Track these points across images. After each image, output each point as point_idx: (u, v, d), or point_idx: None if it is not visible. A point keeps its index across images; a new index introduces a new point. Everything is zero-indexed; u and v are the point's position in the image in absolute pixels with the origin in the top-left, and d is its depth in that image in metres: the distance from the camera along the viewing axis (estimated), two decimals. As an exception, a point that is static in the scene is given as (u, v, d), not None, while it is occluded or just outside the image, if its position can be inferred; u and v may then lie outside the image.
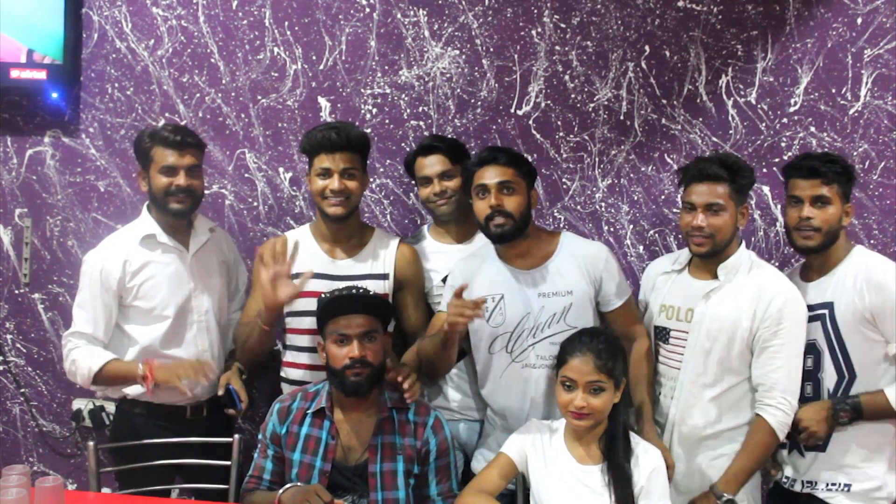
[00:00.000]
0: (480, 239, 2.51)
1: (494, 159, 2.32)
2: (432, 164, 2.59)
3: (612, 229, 2.94)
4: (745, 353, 2.25)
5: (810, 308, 2.26)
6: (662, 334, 2.39)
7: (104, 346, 2.46)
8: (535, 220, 2.66)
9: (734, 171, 2.27)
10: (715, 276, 2.30)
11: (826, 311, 2.25)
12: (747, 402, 2.28)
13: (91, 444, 2.43)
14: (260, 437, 2.27)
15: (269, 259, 2.29)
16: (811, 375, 2.27)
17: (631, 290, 2.48)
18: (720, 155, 2.42)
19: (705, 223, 2.24)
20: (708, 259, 2.31)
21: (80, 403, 3.12)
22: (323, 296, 2.24)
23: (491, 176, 2.30)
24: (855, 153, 2.73)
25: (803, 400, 2.25)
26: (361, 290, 2.23)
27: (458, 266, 2.47)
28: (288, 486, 2.11)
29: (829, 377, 2.25)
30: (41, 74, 3.04)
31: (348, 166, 2.40)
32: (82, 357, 2.41)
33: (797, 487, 2.29)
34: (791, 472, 2.32)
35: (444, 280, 2.53)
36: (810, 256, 2.32)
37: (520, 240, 2.34)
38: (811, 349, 2.26)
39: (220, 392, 2.47)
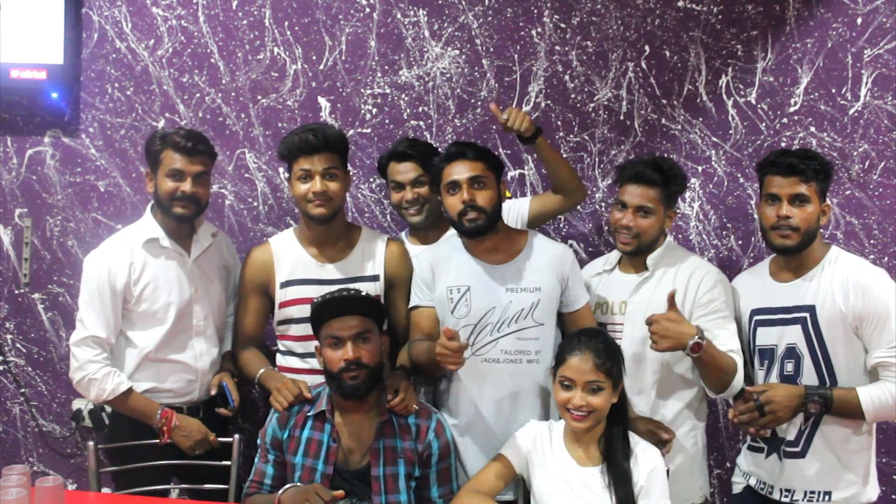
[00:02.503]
0: (449, 233, 2.54)
1: (462, 154, 2.32)
2: (405, 171, 2.58)
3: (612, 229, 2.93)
4: None
5: (786, 310, 2.23)
6: None
7: (111, 349, 2.46)
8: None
9: (668, 177, 2.37)
10: (644, 269, 2.40)
11: (807, 315, 2.20)
12: (684, 385, 2.34)
13: (91, 444, 2.43)
14: (259, 441, 2.26)
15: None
16: (791, 381, 2.21)
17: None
18: (658, 159, 2.47)
19: (633, 223, 2.33)
20: (634, 255, 2.40)
21: (80, 403, 3.11)
22: (315, 300, 2.24)
23: (461, 171, 2.30)
24: (855, 153, 2.73)
25: None
26: (353, 292, 2.22)
27: (426, 254, 2.46)
28: (287, 486, 2.10)
29: (809, 383, 2.20)
30: (41, 74, 3.04)
31: (329, 166, 2.38)
32: (104, 378, 2.39)
33: (775, 495, 2.25)
34: (767, 477, 2.29)
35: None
36: (786, 257, 2.26)
37: (490, 234, 2.34)
38: (790, 353, 2.22)
39: (213, 391, 2.49)
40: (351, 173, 2.59)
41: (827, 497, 2.19)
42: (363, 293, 2.24)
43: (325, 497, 1.98)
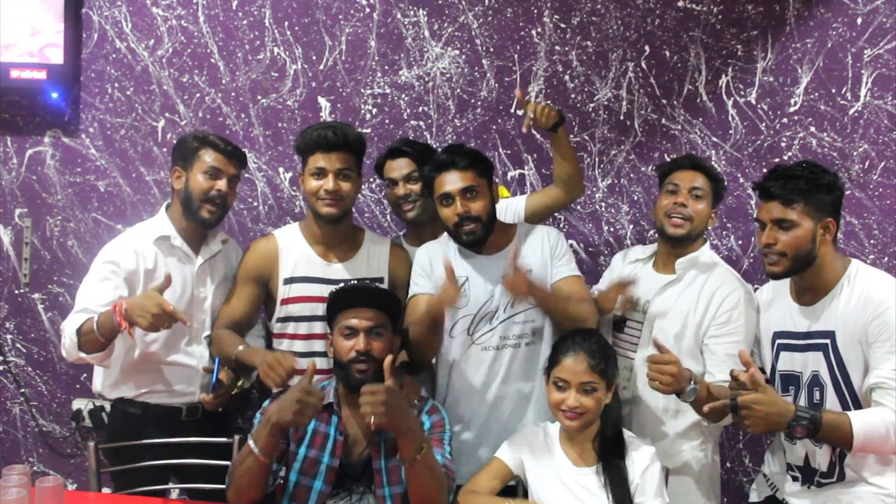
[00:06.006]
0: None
1: (453, 164, 2.30)
2: (399, 167, 2.59)
3: (612, 229, 2.94)
4: (694, 350, 2.27)
5: (808, 336, 2.08)
6: (618, 324, 2.40)
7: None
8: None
9: (716, 172, 2.38)
10: (673, 272, 2.35)
11: (828, 342, 2.04)
12: None
13: (91, 444, 2.42)
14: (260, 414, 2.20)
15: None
16: (818, 409, 1.99)
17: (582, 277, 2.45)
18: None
19: (689, 203, 2.29)
20: (674, 249, 2.35)
21: (80, 403, 3.12)
22: (334, 288, 2.24)
23: (453, 182, 2.28)
24: (855, 153, 2.73)
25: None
26: (373, 285, 2.22)
27: (424, 248, 2.46)
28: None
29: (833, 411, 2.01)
30: (41, 74, 3.04)
31: (344, 167, 2.36)
32: (67, 325, 2.33)
33: None
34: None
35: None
36: (796, 278, 2.10)
37: (487, 238, 2.35)
38: (815, 381, 2.07)
39: (204, 370, 2.47)
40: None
41: None
42: (384, 287, 2.24)
43: (318, 396, 1.99)
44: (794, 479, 2.16)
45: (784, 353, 2.14)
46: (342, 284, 2.24)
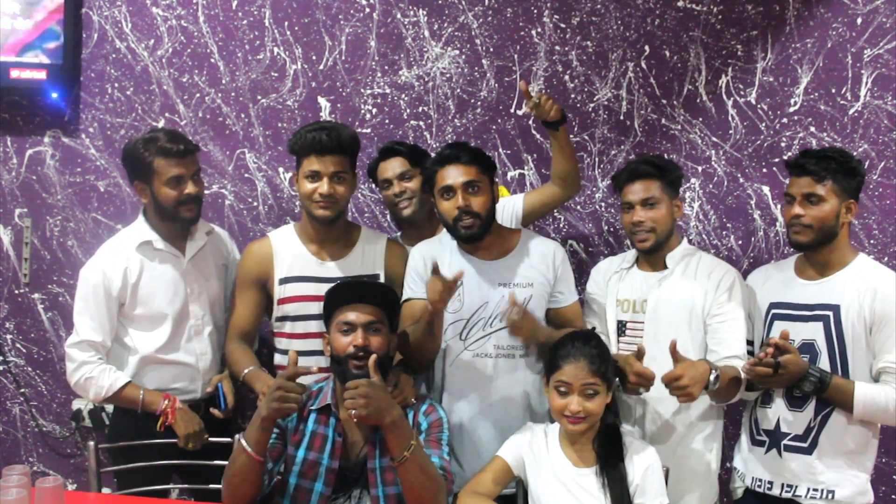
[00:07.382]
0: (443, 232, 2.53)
1: (457, 158, 2.31)
2: (393, 167, 2.60)
3: (611, 229, 2.94)
4: (700, 333, 2.32)
5: (809, 307, 2.23)
6: (620, 328, 2.42)
7: (107, 352, 2.46)
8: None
9: (661, 167, 2.39)
10: (663, 268, 2.39)
11: (830, 314, 2.20)
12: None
13: (91, 444, 2.43)
14: None
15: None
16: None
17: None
18: (646, 156, 2.51)
19: (645, 217, 2.33)
20: (654, 254, 2.39)
21: (80, 403, 3.12)
22: (331, 286, 2.24)
23: (455, 176, 2.29)
24: (855, 153, 2.72)
25: (792, 401, 2.24)
26: (370, 280, 2.22)
27: (419, 248, 2.45)
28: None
29: None
30: (41, 74, 3.04)
31: (338, 170, 2.36)
32: (101, 375, 2.40)
33: (775, 491, 2.25)
34: (767, 473, 2.28)
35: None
36: (808, 253, 2.28)
37: (484, 236, 2.35)
38: (808, 349, 2.21)
39: (209, 389, 2.50)
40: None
41: (830, 495, 2.19)
42: (382, 283, 2.24)
43: (297, 389, 2.01)
44: (760, 443, 2.29)
45: (778, 323, 2.28)
46: (338, 281, 2.23)
